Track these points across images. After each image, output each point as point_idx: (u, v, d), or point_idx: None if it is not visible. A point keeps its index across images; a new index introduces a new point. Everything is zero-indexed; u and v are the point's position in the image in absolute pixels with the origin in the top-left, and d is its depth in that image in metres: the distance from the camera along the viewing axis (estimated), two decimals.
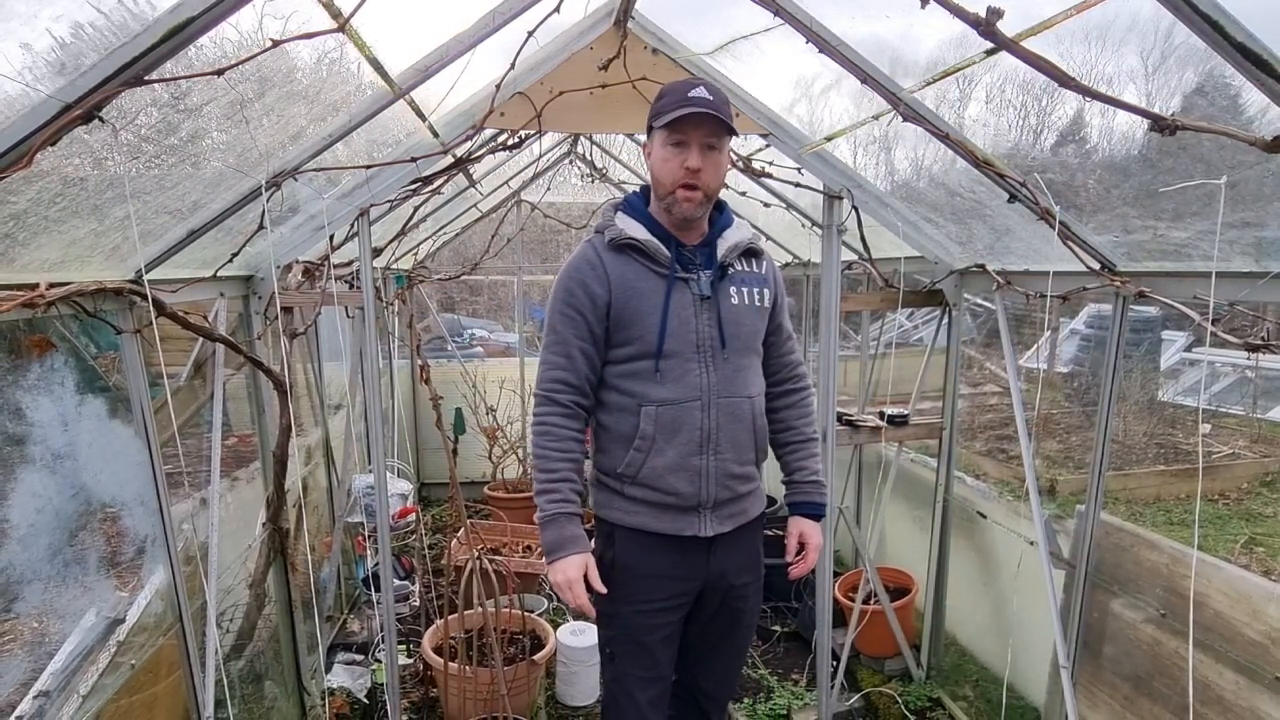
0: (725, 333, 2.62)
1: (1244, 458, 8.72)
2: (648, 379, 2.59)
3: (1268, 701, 2.60)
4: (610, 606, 2.75)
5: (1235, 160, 2.31)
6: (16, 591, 2.70)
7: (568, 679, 4.70)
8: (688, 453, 2.60)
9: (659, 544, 2.67)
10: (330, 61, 2.76)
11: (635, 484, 2.64)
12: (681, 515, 2.65)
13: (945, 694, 4.50)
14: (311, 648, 4.29)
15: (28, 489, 2.62)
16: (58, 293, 2.25)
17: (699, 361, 2.59)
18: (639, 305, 2.57)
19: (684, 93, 2.46)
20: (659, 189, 2.60)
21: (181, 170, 2.61)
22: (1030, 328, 10.48)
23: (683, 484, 2.61)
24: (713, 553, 2.72)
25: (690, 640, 2.91)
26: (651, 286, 2.59)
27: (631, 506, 2.67)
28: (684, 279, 2.61)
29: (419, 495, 7.95)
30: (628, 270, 2.59)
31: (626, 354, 2.61)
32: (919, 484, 5.00)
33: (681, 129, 2.47)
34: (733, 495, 2.71)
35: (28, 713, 2.27)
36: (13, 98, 1.73)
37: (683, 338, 2.58)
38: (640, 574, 2.70)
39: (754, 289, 2.72)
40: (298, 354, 4.90)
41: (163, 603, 2.94)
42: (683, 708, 3.04)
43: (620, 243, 2.59)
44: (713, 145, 2.51)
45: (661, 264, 2.60)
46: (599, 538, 2.80)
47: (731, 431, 2.64)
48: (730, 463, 2.66)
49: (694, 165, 2.47)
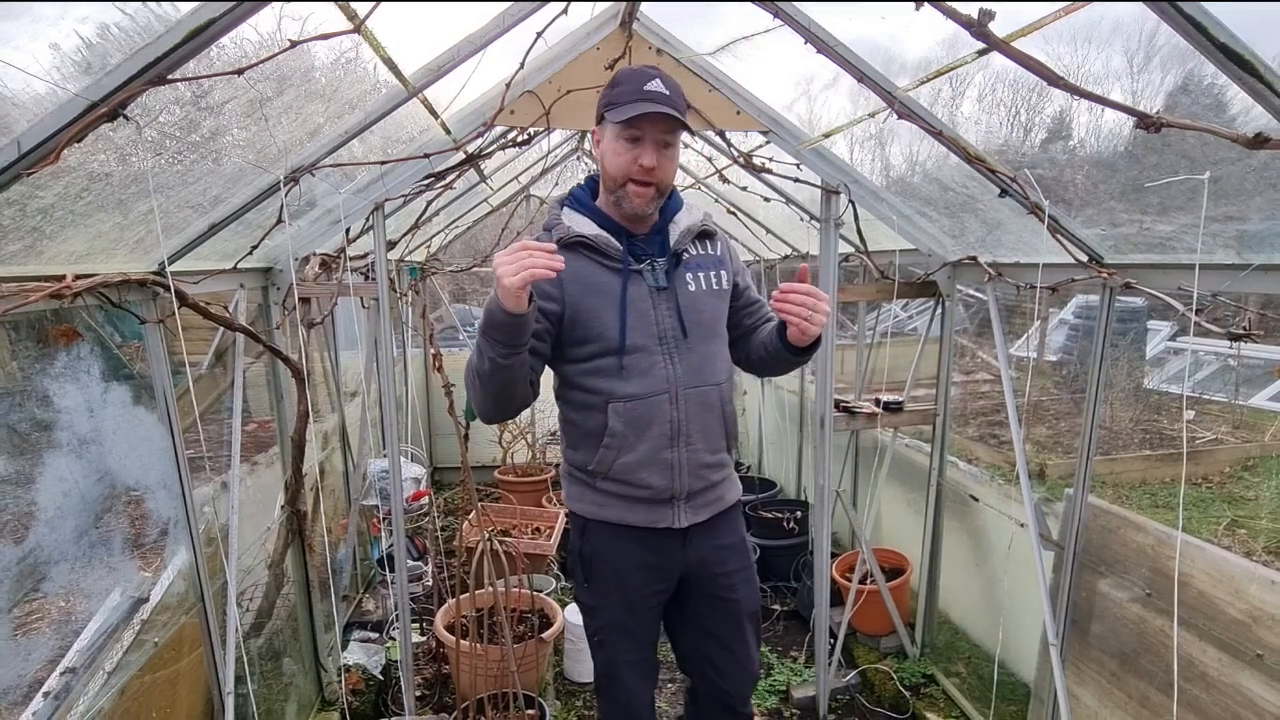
0: (685, 321, 2.51)
1: (1226, 443, 8.71)
2: (612, 375, 2.47)
3: (1249, 678, 2.61)
4: (593, 599, 2.70)
5: (1218, 156, 2.31)
6: (45, 572, 2.71)
7: (575, 656, 4.72)
8: (659, 446, 2.50)
9: (633, 536, 2.60)
10: (346, 61, 2.76)
11: (607, 479, 2.55)
12: (655, 507, 2.57)
13: (939, 671, 4.51)
14: (328, 626, 4.31)
15: (55, 473, 2.63)
16: (84, 284, 2.26)
17: (663, 353, 2.48)
18: (595, 302, 2.45)
19: (639, 85, 2.33)
20: (608, 181, 2.47)
21: (203, 166, 2.62)
22: (1020, 318, 10.51)
23: (655, 478, 2.52)
24: (689, 542, 2.63)
25: (694, 645, 2.84)
26: (606, 282, 2.47)
27: (604, 500, 2.60)
28: (638, 271, 2.50)
29: (431, 479, 7.97)
30: (580, 267, 2.45)
31: (588, 352, 2.48)
32: (913, 468, 5.00)
33: (637, 125, 2.34)
34: (706, 484, 2.62)
35: (55, 688, 2.28)
36: (41, 96, 1.74)
37: (643, 331, 2.47)
38: (618, 566, 2.63)
39: (710, 272, 2.61)
40: (315, 343, 4.91)
41: (185, 582, 2.96)
42: (700, 710, 2.97)
43: (569, 240, 2.46)
44: (668, 142, 2.40)
45: (614, 258, 2.48)
46: (573, 531, 2.73)
47: (702, 421, 2.55)
48: (702, 452, 2.57)
49: (649, 164, 2.36)
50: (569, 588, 5.71)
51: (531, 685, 4.15)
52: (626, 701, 2.77)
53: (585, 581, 2.68)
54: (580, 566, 2.69)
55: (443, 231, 7.25)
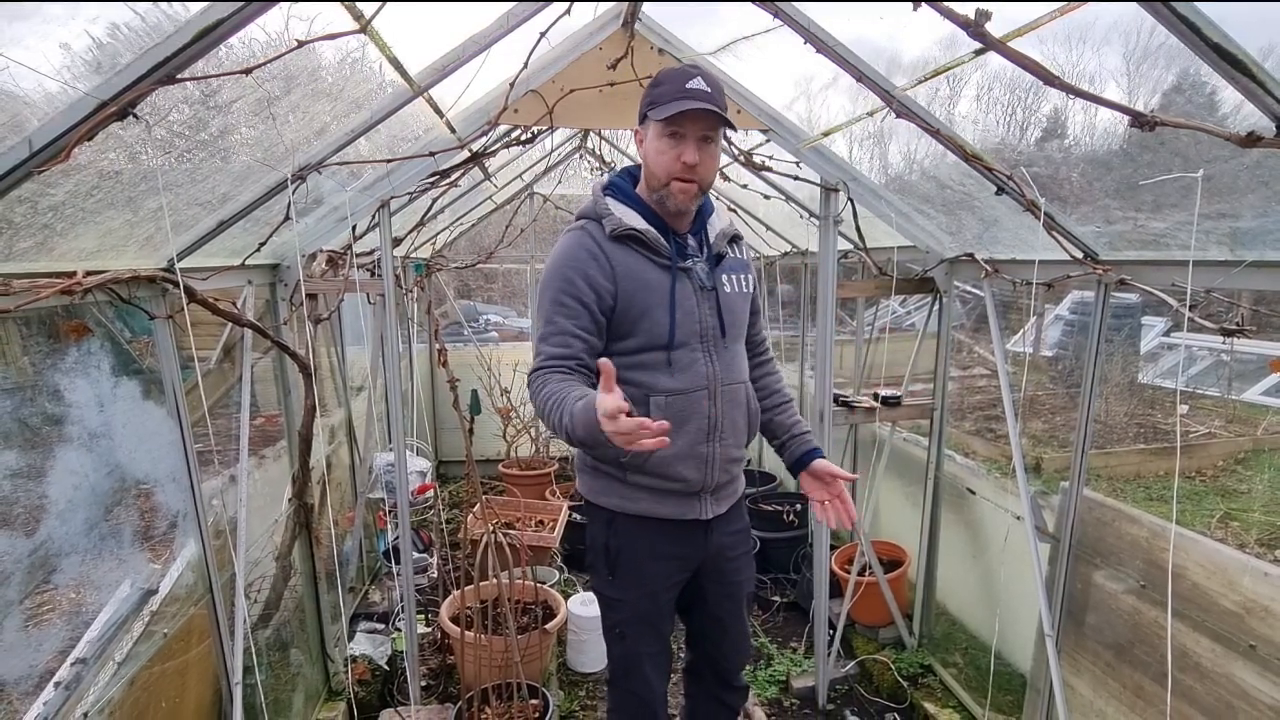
0: (725, 321, 2.54)
1: (1219, 437, 8.71)
2: (658, 370, 2.47)
3: (1242, 668, 2.61)
4: (617, 592, 2.68)
5: (1211, 154, 2.31)
6: (56, 564, 2.72)
7: (578, 646, 4.73)
8: (695, 441, 2.52)
9: (661, 528, 2.61)
10: (353, 61, 2.76)
11: (640, 472, 2.53)
12: (685, 500, 2.59)
13: (936, 661, 4.52)
14: (335, 617, 4.31)
15: (66, 466, 2.63)
16: (94, 280, 2.26)
17: (703, 351, 2.50)
18: (646, 298, 2.44)
19: (681, 84, 2.33)
20: (652, 180, 2.46)
21: (211, 164, 2.62)
22: (1017, 313, 10.50)
23: (690, 471, 2.53)
24: (711, 533, 2.67)
25: (700, 625, 2.89)
26: (656, 278, 2.46)
27: (633, 493, 2.58)
28: (684, 269, 2.50)
29: (437, 472, 7.98)
30: (631, 261, 2.45)
31: (633, 345, 2.47)
32: (911, 462, 5.00)
33: (679, 122, 2.33)
34: (730, 477, 2.67)
35: (66, 679, 2.29)
36: (52, 95, 1.74)
37: (688, 328, 2.48)
38: (644, 558, 2.63)
39: (740, 275, 2.65)
40: (322, 338, 4.91)
41: (194, 574, 2.96)
42: (702, 685, 3.01)
43: (621, 233, 2.45)
44: (709, 138, 2.39)
45: (663, 255, 2.48)
46: (595, 524, 2.72)
47: (733, 417, 2.58)
48: (731, 448, 2.61)
49: (691, 160, 2.35)
50: (572, 580, 5.72)
51: (535, 675, 4.16)
52: (644, 694, 2.78)
53: (610, 575, 2.67)
54: (605, 559, 2.67)
55: (448, 228, 7.23)
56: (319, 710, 4.05)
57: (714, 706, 3.01)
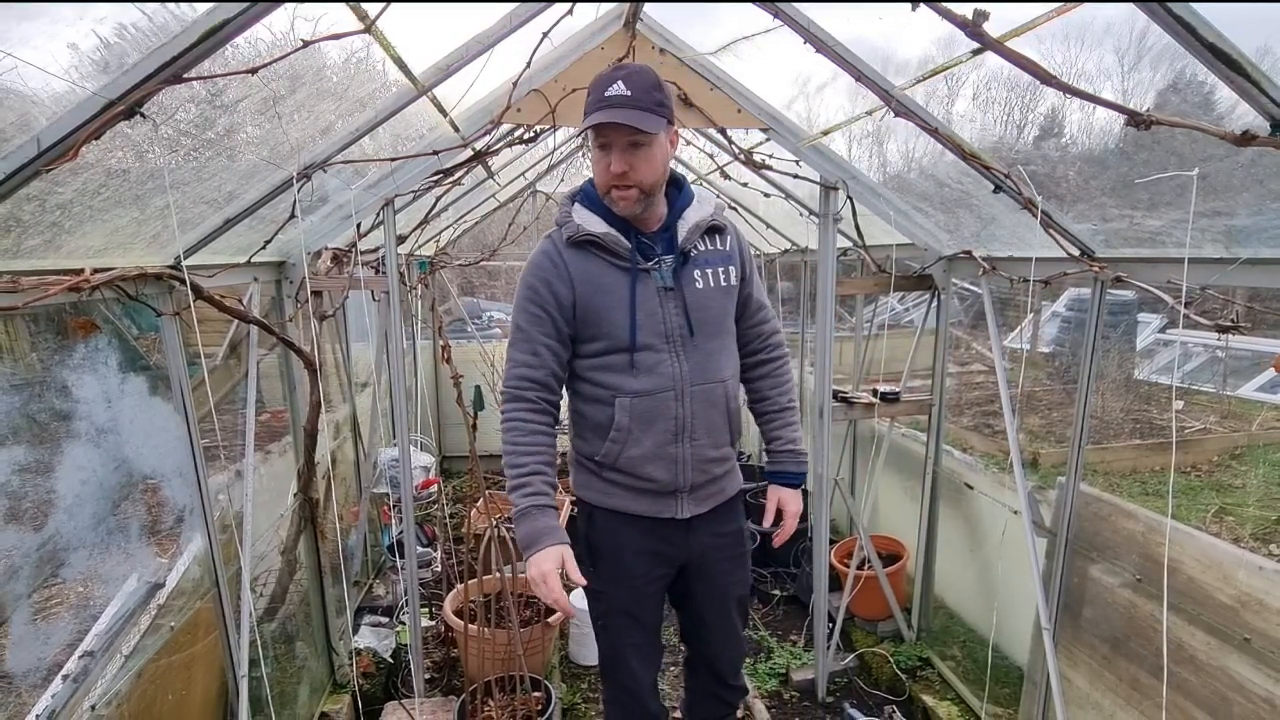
0: (692, 320, 2.47)
1: (1214, 432, 8.71)
2: (621, 371, 2.45)
3: (1237, 661, 2.61)
4: (599, 584, 2.68)
5: (1206, 153, 2.31)
6: (64, 558, 2.72)
7: (580, 640, 4.74)
8: (664, 442, 2.49)
9: (637, 524, 2.60)
10: (357, 60, 2.76)
11: (613, 470, 2.54)
12: (659, 499, 2.57)
13: (934, 654, 4.52)
14: (340, 611, 4.32)
15: (74, 462, 2.63)
16: (101, 277, 2.27)
17: (670, 351, 2.45)
18: (604, 301, 2.42)
19: (602, 91, 2.28)
20: (598, 188, 2.44)
21: (218, 163, 2.62)
22: (1014, 310, 10.51)
23: (660, 472, 2.51)
24: (691, 532, 2.64)
25: (689, 624, 2.90)
26: (615, 281, 2.43)
27: (609, 488, 2.59)
28: (645, 270, 2.45)
29: (440, 467, 7.97)
30: (589, 266, 2.43)
31: (597, 348, 2.47)
32: (909, 457, 5.00)
33: (603, 132, 2.30)
34: (709, 478, 2.62)
35: (74, 671, 2.29)
36: (60, 94, 1.74)
37: (651, 329, 2.44)
38: (622, 552, 2.63)
39: (719, 268, 2.55)
40: (327, 335, 4.91)
41: (200, 568, 2.97)
42: (699, 680, 3.01)
43: (579, 239, 2.43)
44: (637, 142, 2.30)
45: (622, 257, 2.44)
46: (580, 516, 2.73)
47: (707, 418, 2.53)
48: (706, 448, 2.56)
49: (617, 170, 2.31)
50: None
51: (538, 668, 4.17)
52: (630, 684, 2.79)
53: (591, 566, 2.66)
54: (586, 551, 2.67)
55: (451, 226, 7.24)
56: (324, 703, 4.06)
57: (711, 701, 3.02)
